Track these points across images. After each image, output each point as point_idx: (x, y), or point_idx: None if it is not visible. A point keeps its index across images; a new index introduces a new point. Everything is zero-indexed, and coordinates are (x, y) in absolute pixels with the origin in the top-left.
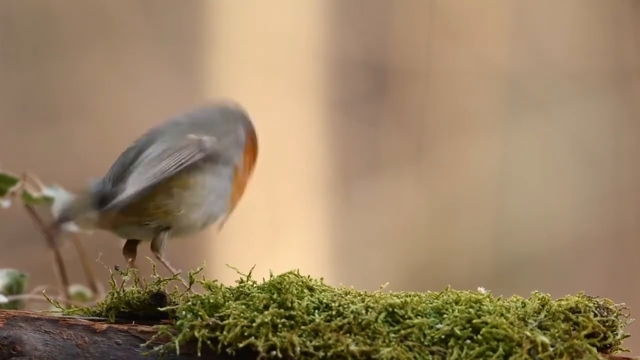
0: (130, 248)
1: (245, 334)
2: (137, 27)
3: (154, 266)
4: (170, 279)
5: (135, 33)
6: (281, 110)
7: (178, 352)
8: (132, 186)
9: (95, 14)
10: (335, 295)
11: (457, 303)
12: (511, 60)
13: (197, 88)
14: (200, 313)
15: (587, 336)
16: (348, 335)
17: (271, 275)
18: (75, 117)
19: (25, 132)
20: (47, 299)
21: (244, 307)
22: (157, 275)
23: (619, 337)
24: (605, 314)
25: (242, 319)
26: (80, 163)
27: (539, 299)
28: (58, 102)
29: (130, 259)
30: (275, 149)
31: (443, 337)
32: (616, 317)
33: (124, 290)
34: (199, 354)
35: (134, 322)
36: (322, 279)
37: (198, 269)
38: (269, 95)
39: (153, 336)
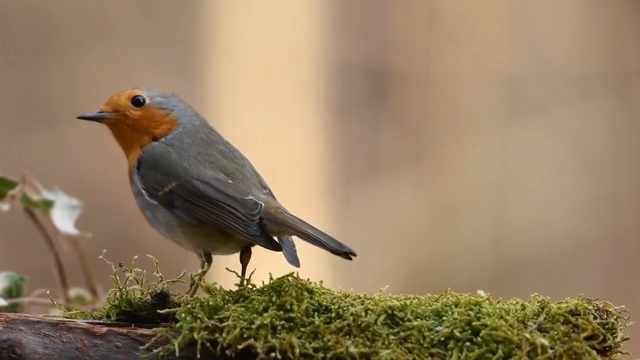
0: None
1: (245, 335)
2: (136, 30)
3: (156, 264)
4: (173, 281)
5: (134, 36)
6: (282, 113)
7: (177, 354)
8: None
9: (94, 17)
10: (334, 297)
11: (456, 305)
12: (511, 64)
13: (197, 91)
14: (199, 315)
15: (587, 339)
16: (347, 337)
17: (271, 279)
18: (75, 120)
19: (24, 136)
20: (52, 301)
21: (243, 309)
22: (160, 274)
23: (618, 339)
24: (605, 316)
25: (241, 321)
26: (80, 166)
27: (538, 302)
28: (57, 105)
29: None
30: (275, 153)
31: (442, 339)
32: (616, 319)
33: (126, 288)
34: (198, 356)
35: (133, 325)
36: (321, 281)
37: (200, 272)
38: (270, 99)
39: (152, 339)
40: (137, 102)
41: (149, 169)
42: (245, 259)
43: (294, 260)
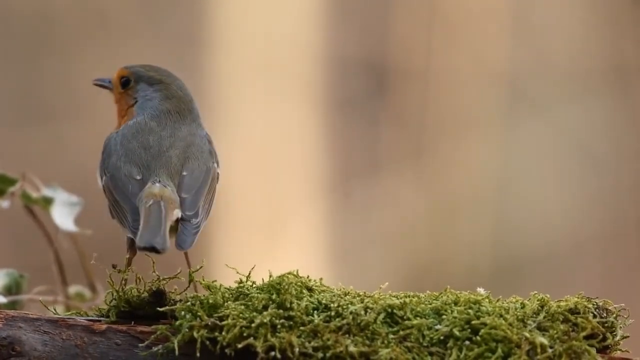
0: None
1: (244, 334)
2: (135, 26)
3: (153, 263)
4: (170, 278)
5: (133, 33)
6: (281, 109)
7: (177, 352)
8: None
9: (93, 13)
10: (334, 295)
11: (456, 304)
12: (511, 60)
13: (197, 88)
14: (199, 313)
15: (586, 337)
16: (347, 336)
17: (270, 276)
18: (74, 117)
19: (24, 133)
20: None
21: (243, 307)
22: (157, 273)
23: (618, 338)
24: (605, 315)
25: (241, 320)
26: (80, 163)
27: (538, 300)
28: (57, 102)
29: (132, 256)
30: (275, 149)
31: (442, 338)
32: (615, 318)
33: (123, 289)
34: (198, 355)
35: (133, 322)
36: (321, 279)
37: (198, 267)
38: (269, 95)
39: (152, 336)
40: (123, 83)
41: (101, 156)
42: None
43: (181, 242)
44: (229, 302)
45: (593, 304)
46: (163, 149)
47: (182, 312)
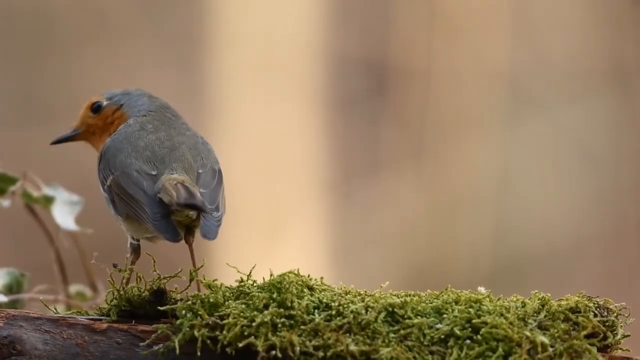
0: (138, 246)
1: (245, 333)
2: (135, 26)
3: (154, 262)
4: (171, 277)
5: (134, 32)
6: (281, 109)
7: (178, 351)
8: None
9: (93, 13)
10: (335, 294)
11: (457, 303)
12: (512, 60)
13: (197, 88)
14: (200, 312)
15: (587, 336)
16: (348, 335)
17: (271, 275)
18: (75, 116)
19: (25, 132)
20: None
21: (243, 306)
22: (157, 272)
23: (618, 337)
24: (605, 314)
25: (241, 319)
26: (80, 162)
27: (539, 299)
28: (57, 101)
29: (135, 259)
30: (275, 148)
31: (443, 337)
32: (616, 317)
33: (124, 288)
34: (199, 354)
35: (134, 321)
36: (322, 278)
37: (199, 266)
38: (269, 95)
39: (153, 335)
40: (95, 109)
41: (99, 163)
42: (189, 238)
43: (207, 232)
44: (229, 301)
45: (594, 303)
46: (175, 144)
47: (183, 311)
